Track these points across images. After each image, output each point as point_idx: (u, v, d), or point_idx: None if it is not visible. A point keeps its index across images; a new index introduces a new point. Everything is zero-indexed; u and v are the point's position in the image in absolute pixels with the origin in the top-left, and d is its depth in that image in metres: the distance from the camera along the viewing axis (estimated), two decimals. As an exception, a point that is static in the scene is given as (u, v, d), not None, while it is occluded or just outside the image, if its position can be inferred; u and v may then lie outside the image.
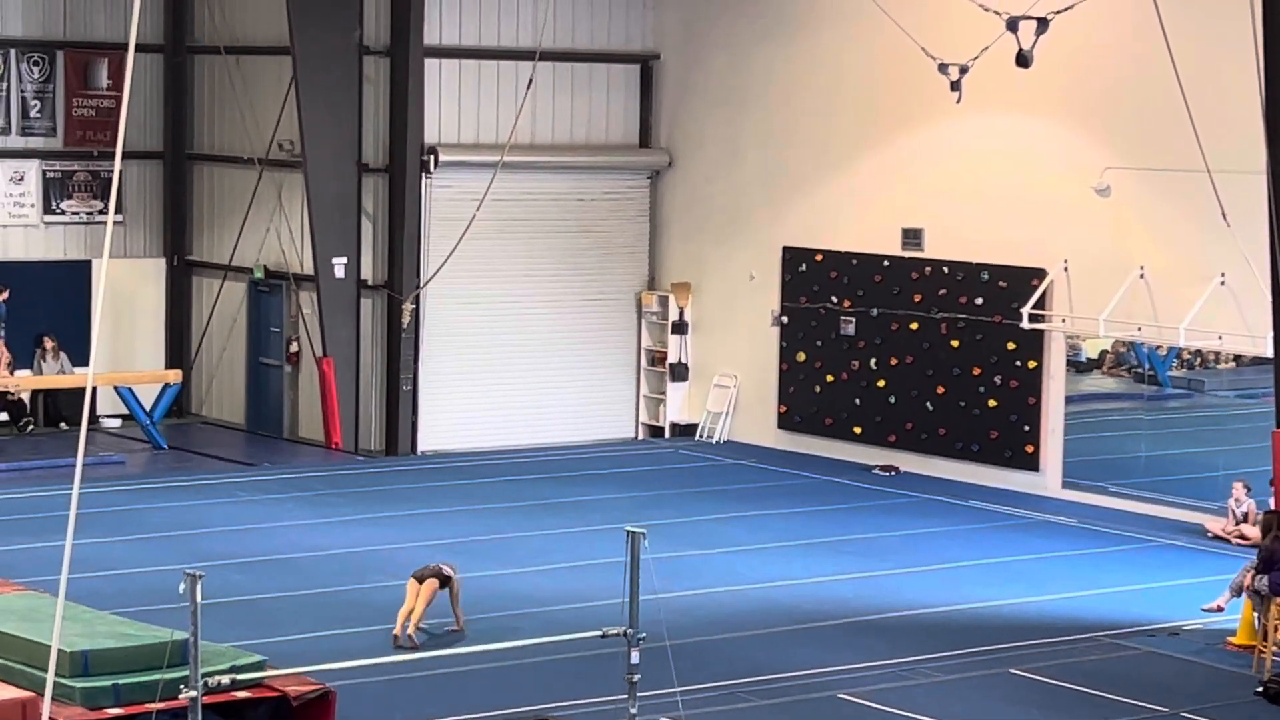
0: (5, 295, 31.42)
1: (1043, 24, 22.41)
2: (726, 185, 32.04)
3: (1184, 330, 25.60)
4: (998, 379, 28.41)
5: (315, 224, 30.52)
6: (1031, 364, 28.02)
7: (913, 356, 29.50)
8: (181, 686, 12.99)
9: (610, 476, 29.03)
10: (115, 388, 30.67)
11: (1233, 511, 25.01)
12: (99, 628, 16.02)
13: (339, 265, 30.58)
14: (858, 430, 30.23)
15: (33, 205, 32.48)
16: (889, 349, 29.80)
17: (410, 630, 19.16)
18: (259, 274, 32.47)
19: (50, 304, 31.84)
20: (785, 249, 31.11)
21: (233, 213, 32.97)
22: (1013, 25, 22.53)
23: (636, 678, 14.18)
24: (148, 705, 14.65)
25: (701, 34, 32.28)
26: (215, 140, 33.47)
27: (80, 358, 31.43)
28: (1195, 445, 27.69)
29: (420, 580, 19.36)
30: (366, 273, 30.94)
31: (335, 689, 15.79)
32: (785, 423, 31.31)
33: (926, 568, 23.33)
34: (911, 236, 29.48)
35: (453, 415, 31.22)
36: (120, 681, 15.03)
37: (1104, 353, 28.44)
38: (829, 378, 30.60)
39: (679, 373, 32.61)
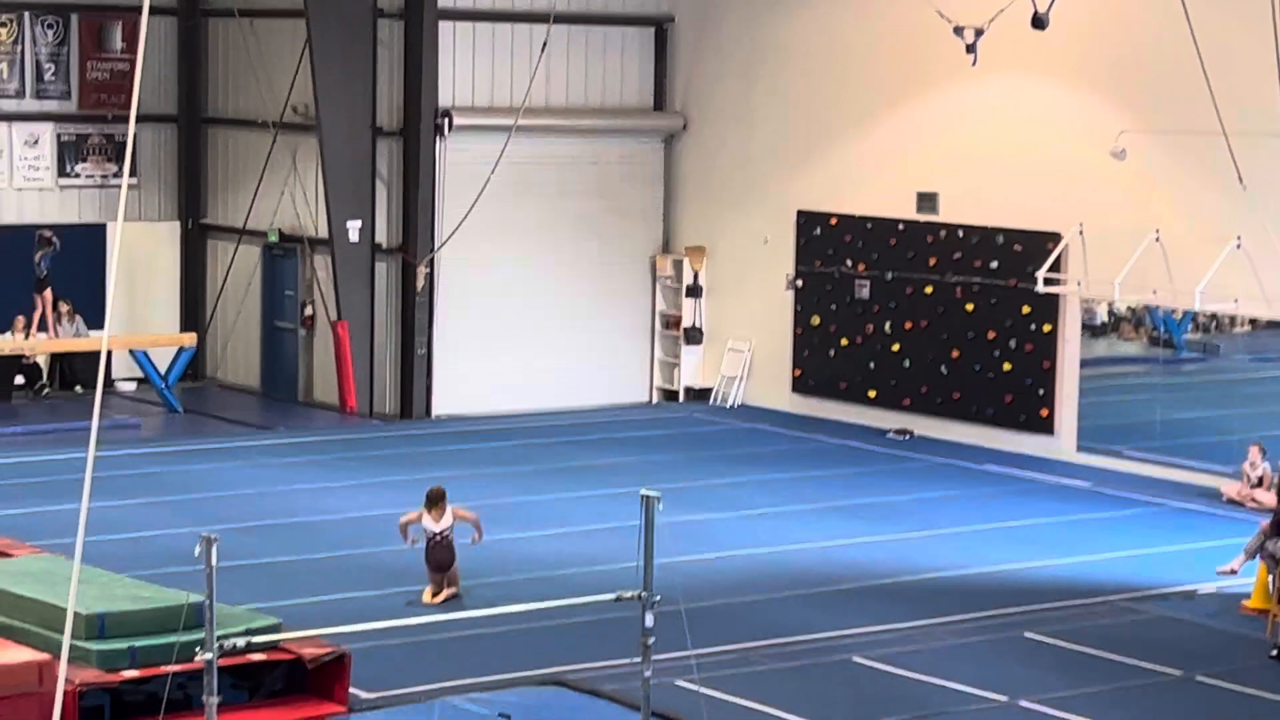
0: (54, 248, 31.42)
1: (1059, -14, 22.34)
2: (741, 149, 31.99)
3: (1199, 294, 25.55)
4: (1012, 342, 28.38)
5: (329, 187, 30.51)
6: (1046, 327, 27.99)
7: (927, 320, 29.48)
8: (197, 649, 13.02)
9: (624, 440, 29.05)
10: (130, 351, 30.73)
11: (1247, 475, 25.01)
12: (115, 590, 16.08)
13: (353, 229, 30.58)
14: (872, 394, 30.22)
15: (47, 168, 32.50)
16: (903, 313, 29.78)
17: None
18: (273, 237, 32.47)
19: (65, 267, 31.85)
20: (800, 213, 31.07)
21: (247, 176, 32.97)
22: (1028, -12, 22.47)
23: (651, 641, 14.19)
24: (164, 667, 14.71)
25: (716, -3, 32.23)
26: (229, 104, 33.45)
27: (95, 321, 31.47)
28: (1210, 409, 27.66)
29: (439, 568, 19.50)
30: (381, 236, 30.93)
31: (350, 651, 15.84)
32: (799, 386, 31.31)
33: (941, 531, 23.34)
34: (926, 200, 29.43)
35: (467, 379, 31.23)
36: (136, 644, 15.08)
37: (1115, 316, 28.41)
38: (843, 341, 30.58)
39: (693, 336, 32.61)
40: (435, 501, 19.60)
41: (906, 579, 21.03)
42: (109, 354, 29.64)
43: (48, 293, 31.35)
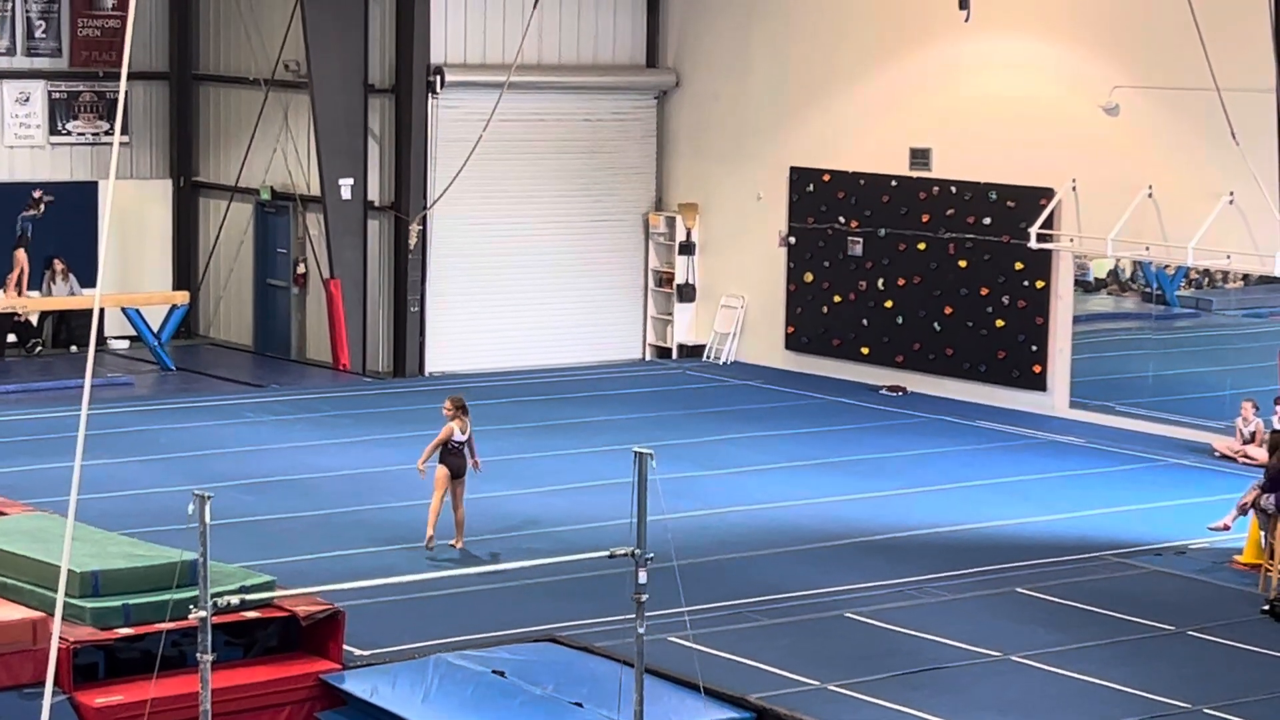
0: (38, 210, 31.35)
1: (1051, -58, 22.30)
2: (734, 105, 31.93)
3: (1192, 249, 25.55)
4: (1005, 299, 28.38)
5: (321, 145, 30.47)
6: (1039, 284, 27.99)
7: (920, 277, 29.47)
8: (191, 607, 13.03)
9: (617, 397, 29.07)
10: (123, 309, 30.70)
11: (1240, 431, 25.04)
12: (109, 548, 16.08)
13: (345, 186, 30.53)
14: (865, 351, 30.23)
15: (38, 126, 32.43)
16: (896, 269, 29.77)
17: (458, 544, 19.76)
18: (266, 195, 32.43)
19: (57, 226, 31.80)
20: (793, 169, 31.03)
21: (239, 134, 32.91)
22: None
23: (644, 597, 14.20)
24: (157, 625, 14.74)
25: (708, -47, 32.13)
26: (221, 61, 33.36)
27: (88, 279, 31.43)
28: (1202, 364, 27.69)
29: (456, 474, 19.68)
30: (373, 194, 30.89)
31: (344, 609, 15.86)
32: (792, 343, 31.31)
33: (933, 488, 23.37)
34: (919, 156, 29.40)
35: (460, 336, 31.23)
36: (130, 602, 15.10)
37: (1111, 273, 28.43)
38: (836, 298, 30.58)
39: (686, 293, 32.60)
40: (465, 409, 19.87)
41: (899, 535, 21.07)
42: (101, 312, 29.62)
43: (20, 253, 31.18)
